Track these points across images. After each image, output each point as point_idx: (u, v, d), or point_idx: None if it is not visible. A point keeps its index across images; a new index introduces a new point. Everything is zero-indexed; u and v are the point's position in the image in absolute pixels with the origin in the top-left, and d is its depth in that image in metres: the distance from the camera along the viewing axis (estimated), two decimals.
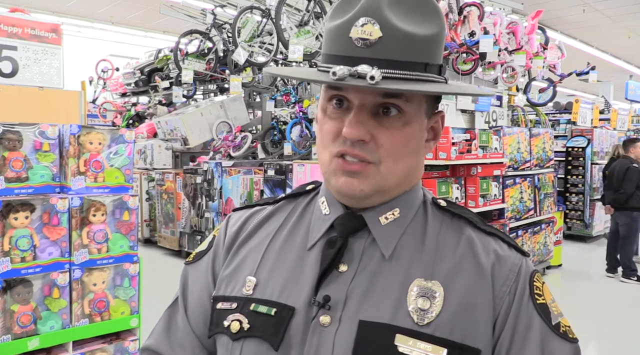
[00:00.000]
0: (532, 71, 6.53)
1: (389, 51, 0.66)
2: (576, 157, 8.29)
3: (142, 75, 9.55)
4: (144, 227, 7.69)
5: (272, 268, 0.77)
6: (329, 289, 0.71)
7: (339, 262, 0.73)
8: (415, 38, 0.67)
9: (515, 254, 0.75)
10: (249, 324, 0.73)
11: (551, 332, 0.70)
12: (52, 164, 1.94)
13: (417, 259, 0.72)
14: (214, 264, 0.85)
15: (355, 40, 0.67)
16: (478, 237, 0.75)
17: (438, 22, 0.70)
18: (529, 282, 0.72)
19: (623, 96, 11.07)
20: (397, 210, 0.76)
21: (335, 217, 0.77)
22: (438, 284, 0.70)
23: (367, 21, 0.66)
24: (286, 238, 0.80)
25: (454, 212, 0.78)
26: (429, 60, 0.69)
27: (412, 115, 0.71)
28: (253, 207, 0.89)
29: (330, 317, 0.70)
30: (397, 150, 0.71)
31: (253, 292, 0.76)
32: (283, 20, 6.07)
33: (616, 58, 13.50)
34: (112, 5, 10.01)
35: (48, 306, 1.87)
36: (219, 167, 6.31)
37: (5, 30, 2.20)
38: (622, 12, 9.78)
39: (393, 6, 0.67)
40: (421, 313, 0.68)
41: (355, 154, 0.70)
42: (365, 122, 0.69)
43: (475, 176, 4.86)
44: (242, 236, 0.84)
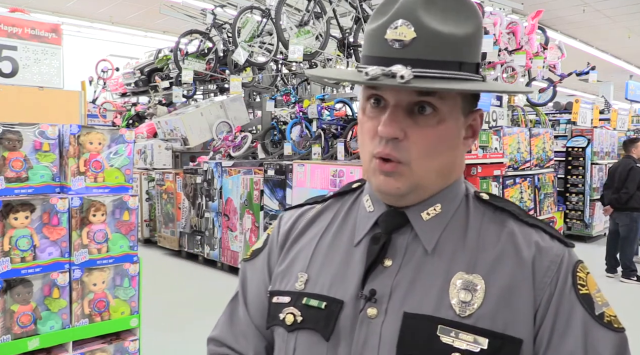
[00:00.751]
0: (532, 71, 6.52)
1: (422, 51, 0.68)
2: (576, 157, 8.28)
3: (142, 75, 9.55)
4: (144, 227, 7.69)
5: (322, 264, 0.82)
6: (375, 283, 0.75)
7: (383, 257, 0.77)
8: (449, 38, 0.69)
9: (558, 245, 0.76)
10: (302, 316, 0.79)
11: (594, 322, 0.71)
12: (52, 164, 1.94)
13: (459, 253, 0.75)
14: (269, 260, 0.91)
15: (390, 42, 0.69)
16: (520, 229, 0.77)
17: (474, 21, 0.72)
18: (571, 272, 0.73)
19: (623, 96, 11.08)
20: (439, 206, 0.78)
21: (379, 215, 0.80)
22: (479, 277, 0.72)
23: (402, 23, 0.69)
24: (334, 235, 0.85)
25: (496, 205, 0.80)
26: (464, 59, 0.71)
27: (446, 113, 0.73)
28: (303, 206, 0.95)
29: (376, 309, 0.74)
30: (429, 148, 0.73)
31: (305, 286, 0.81)
32: (283, 20, 6.07)
33: (616, 58, 13.50)
34: (112, 5, 10.01)
35: (48, 306, 1.87)
36: (219, 167, 6.31)
37: (5, 30, 2.20)
38: (622, 12, 9.78)
39: (428, 7, 0.69)
40: (463, 305, 0.71)
41: (388, 153, 0.72)
42: (399, 121, 0.72)
43: (475, 176, 4.86)
44: (293, 234, 0.89)
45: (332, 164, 4.85)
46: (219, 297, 5.94)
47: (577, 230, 8.29)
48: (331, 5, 6.39)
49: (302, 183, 5.04)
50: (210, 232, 6.41)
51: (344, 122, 5.95)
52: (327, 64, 7.61)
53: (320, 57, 6.39)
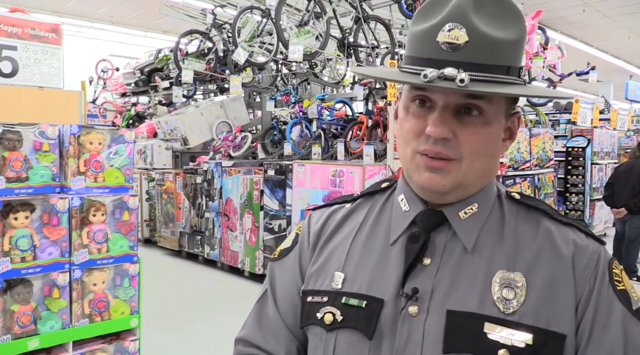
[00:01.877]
0: (532, 71, 6.52)
1: (474, 55, 0.70)
2: (576, 157, 8.28)
3: (142, 75, 9.55)
4: (144, 227, 7.69)
5: (358, 263, 0.83)
6: (415, 281, 0.76)
7: (422, 256, 0.77)
8: (499, 42, 0.71)
9: (594, 242, 0.77)
10: (342, 315, 0.79)
11: (633, 317, 0.73)
12: (52, 164, 1.94)
13: (497, 252, 0.76)
14: (301, 260, 0.90)
15: (442, 44, 0.71)
16: (556, 228, 0.78)
17: (521, 26, 0.74)
18: (608, 269, 0.75)
19: (623, 96, 11.08)
20: (476, 205, 0.80)
21: (417, 214, 0.81)
22: (520, 274, 0.74)
23: (454, 26, 0.70)
24: (369, 234, 0.85)
25: (529, 204, 0.81)
26: (511, 64, 0.73)
27: (492, 115, 0.75)
28: (332, 205, 0.94)
29: (418, 307, 0.75)
30: (477, 148, 0.74)
31: (342, 286, 0.81)
32: (283, 20, 6.07)
33: (616, 58, 13.50)
34: (112, 5, 10.01)
35: (48, 306, 1.87)
36: (219, 167, 6.31)
37: (5, 30, 2.20)
38: (622, 12, 9.79)
39: (478, 12, 0.71)
40: (506, 302, 0.72)
41: (438, 151, 0.74)
42: (448, 121, 0.73)
43: None
44: (325, 234, 0.89)
45: (332, 164, 4.86)
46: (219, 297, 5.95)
47: None
48: (331, 5, 6.39)
49: (302, 183, 5.04)
50: (210, 232, 6.41)
51: (344, 122, 5.95)
52: (327, 64, 7.62)
53: (320, 57, 6.39)
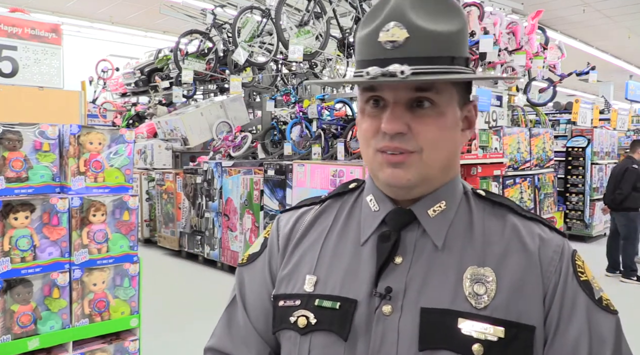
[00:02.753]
0: (532, 71, 6.53)
1: (416, 49, 0.72)
2: (576, 157, 8.28)
3: (142, 75, 9.55)
4: (144, 227, 7.69)
5: (329, 265, 0.83)
6: (388, 280, 0.77)
7: (394, 255, 0.78)
8: (439, 35, 0.73)
9: (557, 236, 0.80)
10: (316, 318, 0.79)
11: (595, 306, 0.76)
12: (52, 164, 1.94)
13: (467, 248, 0.78)
14: (270, 264, 0.90)
15: (384, 44, 0.73)
16: (521, 222, 0.80)
17: (460, 19, 0.76)
18: (571, 261, 0.78)
19: (623, 96, 11.08)
20: (444, 202, 0.81)
21: (386, 213, 0.82)
22: (490, 270, 0.76)
23: (394, 25, 0.72)
24: (339, 235, 0.86)
25: (494, 200, 0.83)
26: (455, 54, 0.75)
27: (444, 106, 0.76)
28: (300, 207, 0.94)
29: (391, 306, 0.76)
30: (434, 138, 0.75)
31: (315, 288, 0.82)
32: (283, 20, 6.07)
33: (616, 58, 13.50)
34: (112, 5, 10.01)
35: (48, 306, 1.87)
36: (219, 167, 6.31)
37: (5, 30, 2.20)
38: (622, 12, 9.79)
39: (416, 9, 0.73)
40: (477, 297, 0.74)
41: (396, 146, 0.75)
42: (401, 116, 0.75)
43: (475, 176, 4.86)
44: (295, 236, 0.89)
45: (332, 164, 4.85)
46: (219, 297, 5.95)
47: (577, 230, 8.29)
48: (331, 5, 6.39)
49: (302, 183, 5.04)
50: (210, 232, 6.41)
51: (344, 122, 5.95)
52: (327, 64, 7.61)
53: (320, 57, 6.39)
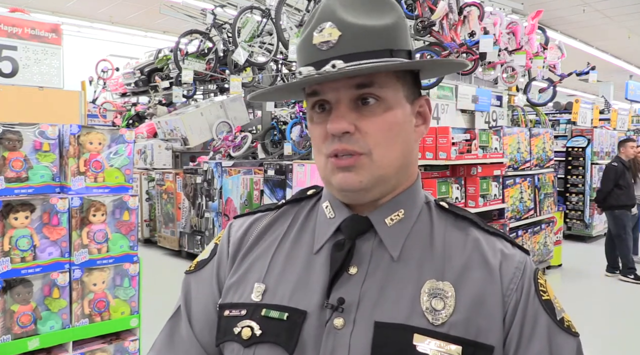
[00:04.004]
0: (532, 71, 6.53)
1: (350, 46, 0.70)
2: (576, 157, 8.29)
3: (142, 75, 9.55)
4: (144, 227, 7.69)
5: (280, 273, 0.78)
6: (341, 291, 0.72)
7: (348, 265, 0.74)
8: (373, 29, 0.71)
9: (520, 252, 0.76)
10: (261, 329, 0.73)
11: (557, 327, 0.72)
12: (52, 164, 1.94)
13: (427, 260, 0.74)
14: (219, 272, 0.85)
15: (318, 46, 0.71)
16: (483, 237, 0.77)
17: (394, 12, 0.74)
18: (533, 279, 0.74)
19: (623, 96, 11.08)
20: (402, 211, 0.77)
21: (341, 220, 0.78)
22: (449, 284, 0.71)
23: (326, 25, 0.71)
24: (292, 243, 0.81)
25: (457, 213, 0.79)
26: (393, 47, 0.72)
27: (391, 101, 0.73)
28: (255, 213, 0.89)
29: (343, 319, 0.71)
30: (383, 135, 0.72)
31: (262, 298, 0.76)
32: (283, 20, 6.07)
33: (616, 58, 13.50)
34: (112, 5, 10.01)
35: (48, 306, 1.87)
36: (219, 167, 6.31)
37: (5, 30, 2.20)
38: (622, 12, 9.79)
39: (346, 7, 0.72)
40: (435, 313, 0.70)
41: (344, 148, 0.71)
42: (345, 116, 0.71)
43: (475, 176, 4.86)
44: (247, 243, 0.84)
45: None
46: None
47: (577, 230, 8.30)
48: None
49: (302, 183, 5.04)
50: (210, 232, 6.41)
51: None
52: None
53: None
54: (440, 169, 4.72)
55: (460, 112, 5.50)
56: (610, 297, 5.45)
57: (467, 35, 5.53)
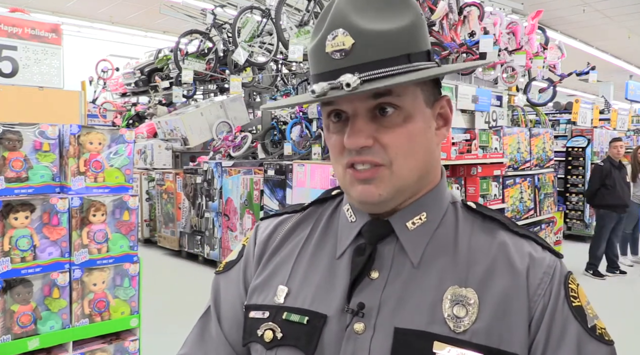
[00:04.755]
0: (532, 71, 6.53)
1: (365, 54, 0.66)
2: (576, 157, 8.29)
3: (142, 75, 9.55)
4: (144, 227, 7.69)
5: (303, 277, 0.78)
6: (361, 296, 0.71)
7: (369, 269, 0.73)
8: (389, 34, 0.67)
9: (550, 256, 0.73)
10: (282, 332, 0.74)
11: (587, 335, 0.69)
12: (52, 164, 1.94)
13: (449, 265, 0.72)
14: (246, 273, 0.86)
15: (331, 54, 0.67)
16: (511, 239, 0.74)
17: (411, 11, 0.70)
18: (564, 284, 0.71)
19: (623, 96, 11.08)
20: (424, 214, 0.75)
21: (362, 224, 0.77)
22: (472, 291, 0.69)
23: (337, 32, 0.67)
24: (316, 246, 0.81)
25: (485, 214, 0.77)
26: (411, 50, 0.69)
27: (410, 108, 0.70)
28: (281, 215, 0.90)
29: (364, 324, 0.70)
30: (404, 146, 0.70)
31: (285, 300, 0.77)
32: (283, 20, 6.07)
33: (616, 58, 13.50)
34: (112, 5, 10.01)
35: (48, 306, 1.87)
36: (219, 167, 6.31)
37: (5, 30, 2.20)
38: (622, 12, 9.79)
39: (359, 11, 0.68)
40: (457, 320, 0.68)
41: (364, 159, 0.70)
42: (363, 129, 0.69)
43: (475, 176, 4.86)
44: (272, 245, 0.84)
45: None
46: None
47: (577, 230, 8.29)
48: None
49: (302, 183, 5.04)
50: (210, 232, 6.41)
51: None
52: None
53: None
54: None
55: (460, 112, 5.50)
56: (610, 297, 5.46)
57: (467, 35, 5.54)
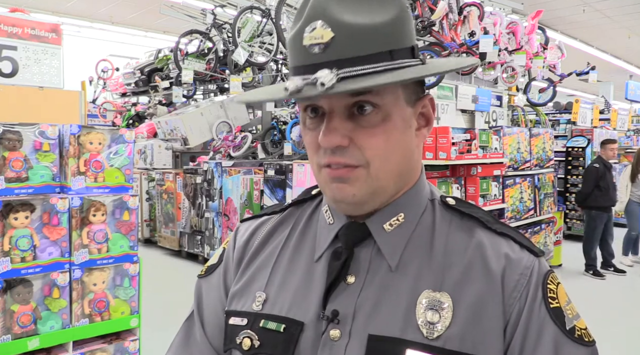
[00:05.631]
0: (532, 71, 6.53)
1: (345, 50, 0.62)
2: (576, 157, 8.29)
3: (142, 75, 9.56)
4: (144, 227, 7.69)
5: (281, 282, 0.76)
6: (337, 302, 0.70)
7: (346, 274, 0.71)
8: (371, 28, 0.63)
9: (528, 255, 0.71)
10: (259, 340, 0.73)
11: (565, 337, 0.67)
12: (52, 164, 1.94)
13: (425, 269, 0.70)
14: (226, 278, 0.84)
15: (309, 48, 0.64)
16: (489, 238, 0.72)
17: (395, 3, 0.66)
18: (542, 285, 0.69)
19: (623, 96, 11.07)
20: (402, 215, 0.73)
21: (339, 227, 0.75)
22: (447, 295, 0.68)
23: (316, 25, 0.63)
24: (294, 249, 0.79)
25: (463, 211, 0.74)
26: (394, 47, 0.65)
27: (390, 108, 0.67)
28: (261, 216, 0.87)
29: (339, 331, 0.69)
30: (381, 149, 0.67)
31: (262, 307, 0.75)
32: (283, 20, 6.07)
33: (616, 58, 13.51)
34: (112, 5, 10.01)
35: (48, 306, 1.87)
36: (219, 167, 6.31)
37: (5, 30, 2.20)
38: (622, 12, 9.79)
39: (340, 2, 0.64)
40: (430, 326, 0.66)
41: (338, 161, 0.67)
42: (339, 127, 0.66)
43: (475, 176, 4.86)
44: (251, 249, 0.83)
45: None
46: None
47: (577, 230, 8.29)
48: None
49: (302, 183, 5.04)
50: (210, 232, 6.41)
51: None
52: None
53: None
54: (440, 169, 4.72)
55: (460, 112, 5.50)
56: (610, 297, 5.46)
57: (467, 35, 5.54)
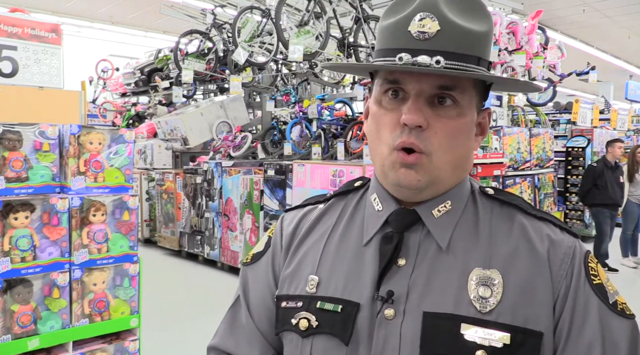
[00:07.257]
0: (532, 71, 6.52)
1: (446, 44, 0.70)
2: (576, 157, 8.28)
3: (142, 75, 9.55)
4: (144, 227, 7.69)
5: (332, 266, 0.81)
6: (390, 283, 0.75)
7: (397, 257, 0.76)
8: (470, 33, 0.72)
9: (568, 237, 0.77)
10: (317, 321, 0.77)
11: (609, 311, 0.72)
12: (52, 164, 1.94)
13: (473, 249, 0.75)
14: (274, 263, 0.88)
15: (414, 34, 0.71)
16: (530, 222, 0.77)
17: (488, 20, 0.75)
18: (584, 263, 0.74)
19: (623, 96, 11.08)
20: (449, 202, 0.78)
21: (389, 213, 0.79)
22: (496, 271, 0.73)
23: (426, 16, 0.71)
24: (342, 235, 0.83)
25: (502, 199, 0.80)
26: (481, 55, 0.74)
27: (465, 107, 0.74)
28: (305, 206, 0.92)
29: (394, 310, 0.73)
30: (449, 139, 0.73)
31: (317, 290, 0.80)
32: (283, 20, 6.07)
33: (616, 58, 13.50)
34: (112, 5, 10.01)
35: (48, 306, 1.87)
36: (219, 167, 6.31)
37: (5, 30, 2.20)
38: (622, 12, 9.79)
39: (448, 3, 0.72)
40: (482, 301, 0.71)
41: (412, 142, 0.72)
42: (422, 110, 0.72)
43: (475, 176, 4.86)
44: (299, 236, 0.87)
45: (332, 164, 4.85)
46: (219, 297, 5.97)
47: (577, 230, 8.29)
48: (331, 5, 6.40)
49: (302, 183, 5.04)
50: (210, 232, 6.41)
51: (344, 122, 5.95)
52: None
53: (321, 57, 6.39)
54: None
55: None
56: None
57: None
